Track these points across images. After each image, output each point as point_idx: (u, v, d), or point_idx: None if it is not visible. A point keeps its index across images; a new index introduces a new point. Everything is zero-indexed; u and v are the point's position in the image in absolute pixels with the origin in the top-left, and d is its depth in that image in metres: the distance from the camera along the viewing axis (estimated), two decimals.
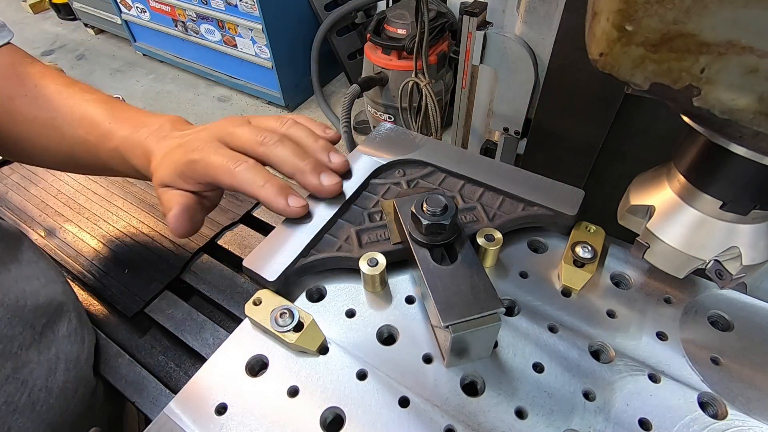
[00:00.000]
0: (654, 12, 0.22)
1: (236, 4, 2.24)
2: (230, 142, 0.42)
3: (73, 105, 0.48)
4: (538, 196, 0.41)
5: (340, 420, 0.32)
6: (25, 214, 0.69)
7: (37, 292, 0.47)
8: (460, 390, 0.33)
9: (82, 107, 0.48)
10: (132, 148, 0.46)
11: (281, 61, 2.38)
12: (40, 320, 0.46)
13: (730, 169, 0.29)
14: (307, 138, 0.43)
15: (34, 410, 0.42)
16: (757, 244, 0.31)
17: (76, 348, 0.48)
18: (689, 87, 0.23)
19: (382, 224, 0.41)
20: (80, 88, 0.50)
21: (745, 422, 0.31)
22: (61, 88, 0.49)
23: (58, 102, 0.48)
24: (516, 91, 0.80)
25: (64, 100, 0.48)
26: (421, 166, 0.46)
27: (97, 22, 3.21)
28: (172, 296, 0.58)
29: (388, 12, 1.84)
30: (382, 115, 2.00)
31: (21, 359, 0.42)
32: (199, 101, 2.76)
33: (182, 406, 0.33)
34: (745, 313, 0.37)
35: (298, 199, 0.40)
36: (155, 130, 0.46)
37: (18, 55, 0.50)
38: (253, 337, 0.36)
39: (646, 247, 0.35)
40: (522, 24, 0.73)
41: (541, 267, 0.40)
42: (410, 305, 0.38)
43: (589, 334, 0.36)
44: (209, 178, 0.41)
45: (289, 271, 0.37)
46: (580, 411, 0.31)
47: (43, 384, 0.43)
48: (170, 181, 0.42)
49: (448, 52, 1.79)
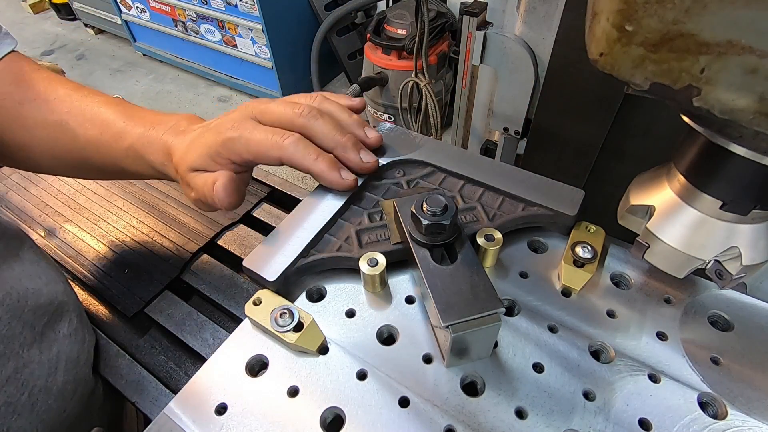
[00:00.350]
0: (654, 12, 0.22)
1: (236, 4, 2.24)
2: (265, 119, 0.42)
3: (85, 107, 0.48)
4: (538, 196, 0.41)
5: (340, 420, 0.32)
6: (25, 214, 0.69)
7: (39, 291, 0.47)
8: (460, 390, 0.33)
9: (94, 108, 0.48)
10: (148, 145, 0.45)
11: (281, 61, 2.38)
12: (41, 320, 0.46)
13: (730, 169, 0.29)
14: (341, 112, 0.43)
15: (33, 410, 0.42)
16: (757, 244, 0.31)
17: (76, 348, 0.48)
18: (689, 87, 0.23)
19: (382, 224, 0.41)
20: (89, 91, 0.50)
21: (745, 422, 0.31)
22: (70, 91, 0.49)
23: (68, 104, 0.48)
24: (516, 91, 0.80)
25: (74, 103, 0.48)
26: (421, 166, 0.46)
27: (97, 22, 3.21)
28: (172, 296, 0.58)
29: (388, 12, 1.84)
30: (382, 115, 2.00)
31: (22, 359, 0.42)
32: (199, 101, 2.76)
33: (182, 406, 0.33)
34: (745, 313, 0.37)
35: (349, 173, 0.40)
36: (172, 126, 0.45)
37: (24, 62, 0.50)
38: (253, 337, 0.36)
39: (646, 247, 0.35)
40: (522, 24, 0.72)
41: (541, 267, 0.40)
42: (410, 305, 0.38)
43: (589, 334, 0.36)
44: (250, 154, 0.40)
45: (289, 271, 0.37)
46: (580, 411, 0.31)
47: (43, 384, 0.43)
48: (201, 165, 0.41)
49: (448, 52, 1.79)
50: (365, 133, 0.44)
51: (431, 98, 1.50)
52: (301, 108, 0.41)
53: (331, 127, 0.41)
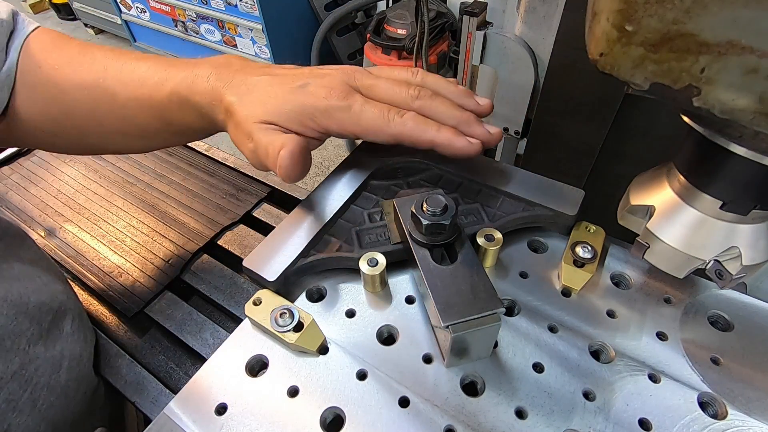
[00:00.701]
0: (654, 12, 0.22)
1: (236, 4, 2.24)
2: (372, 94, 0.39)
3: (123, 63, 0.45)
4: (538, 196, 0.41)
5: (340, 420, 0.32)
6: (25, 214, 0.69)
7: (40, 290, 0.47)
8: (460, 390, 0.33)
9: (132, 64, 0.45)
10: (193, 84, 0.41)
11: (281, 61, 2.35)
12: (46, 317, 0.46)
13: (730, 169, 0.29)
14: (447, 85, 0.42)
15: (35, 408, 0.42)
16: (757, 244, 0.31)
17: (79, 346, 0.48)
18: (689, 87, 0.23)
19: (382, 224, 0.41)
20: (123, 51, 0.47)
21: (745, 422, 0.31)
22: (106, 51, 0.47)
23: (105, 62, 0.46)
24: (516, 91, 0.80)
25: (111, 61, 0.46)
26: (421, 166, 0.46)
27: (97, 22, 3.21)
28: (172, 296, 0.58)
29: (388, 12, 1.84)
30: None
31: (28, 355, 0.42)
32: None
33: (182, 406, 0.33)
34: (745, 313, 0.37)
35: (474, 138, 0.38)
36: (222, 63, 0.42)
37: (55, 33, 0.49)
38: (253, 337, 0.36)
39: (646, 247, 0.35)
40: (522, 24, 0.73)
41: (541, 267, 0.40)
42: (410, 305, 0.38)
43: (589, 334, 0.36)
44: (360, 128, 0.38)
45: (289, 271, 0.37)
46: (580, 411, 0.31)
47: (46, 382, 0.43)
48: (281, 121, 0.38)
49: (448, 52, 1.79)
50: (476, 102, 0.41)
51: None
52: (416, 90, 0.39)
53: (449, 105, 0.39)
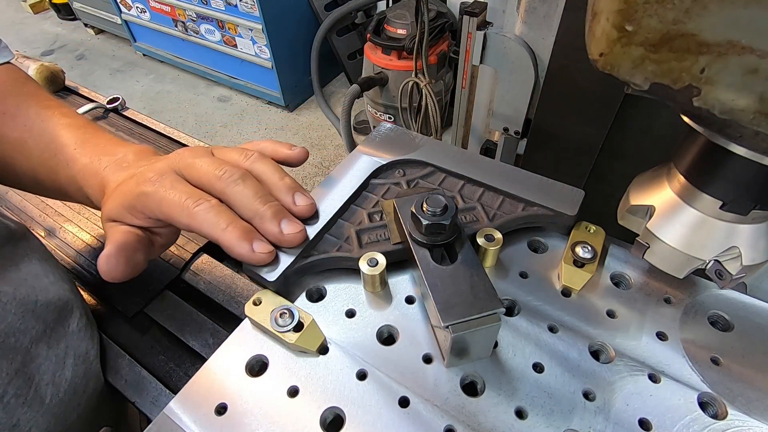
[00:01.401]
0: (654, 12, 0.22)
1: (236, 4, 2.24)
2: (189, 174, 0.39)
3: (46, 128, 0.47)
4: (538, 196, 0.41)
5: (340, 420, 0.32)
6: (25, 214, 0.69)
7: (47, 288, 0.47)
8: (460, 390, 0.33)
9: (54, 131, 0.46)
10: (89, 177, 0.43)
11: (281, 61, 2.38)
12: (52, 315, 0.46)
13: (730, 169, 0.29)
14: (272, 175, 0.40)
15: (44, 404, 0.42)
16: (757, 244, 0.31)
17: (85, 344, 0.48)
18: (689, 87, 0.23)
19: (382, 224, 0.41)
20: (61, 112, 0.48)
21: (745, 422, 0.31)
22: (40, 110, 0.48)
23: (32, 124, 0.47)
24: (516, 91, 0.80)
25: (39, 123, 0.47)
26: (421, 166, 0.46)
27: (97, 22, 3.21)
28: (172, 296, 0.58)
29: (388, 12, 1.84)
30: (382, 115, 2.00)
31: (30, 353, 0.42)
32: (199, 101, 2.76)
33: (182, 406, 0.33)
34: (745, 313, 0.37)
35: (265, 245, 0.37)
36: (117, 159, 0.43)
37: (15, 75, 0.50)
38: (253, 337, 0.36)
39: (646, 247, 0.35)
40: (522, 24, 0.73)
41: (541, 267, 0.40)
42: (410, 305, 0.38)
43: (589, 334, 0.36)
44: (162, 215, 0.37)
45: (289, 271, 0.37)
46: (580, 411, 0.31)
47: (50, 379, 0.44)
48: (117, 215, 0.39)
49: (448, 52, 1.79)
50: (293, 199, 0.39)
51: (431, 98, 1.50)
52: (223, 169, 0.38)
53: (252, 194, 0.37)
